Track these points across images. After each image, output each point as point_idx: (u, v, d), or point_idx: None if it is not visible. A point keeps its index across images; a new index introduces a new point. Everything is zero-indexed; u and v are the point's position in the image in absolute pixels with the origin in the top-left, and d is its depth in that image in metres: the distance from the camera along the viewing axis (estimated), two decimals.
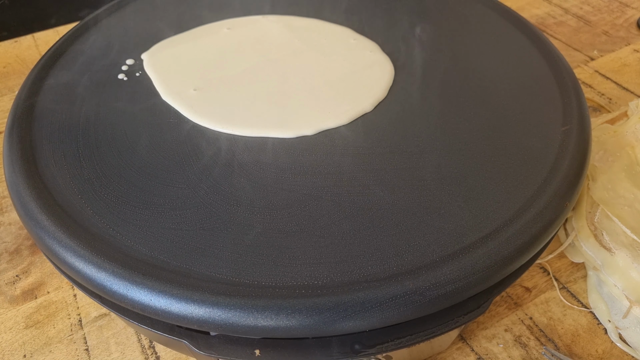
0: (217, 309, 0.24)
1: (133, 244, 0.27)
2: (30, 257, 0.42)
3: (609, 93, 0.55)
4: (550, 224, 0.28)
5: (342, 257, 0.26)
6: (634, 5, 0.69)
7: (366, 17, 0.44)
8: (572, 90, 0.36)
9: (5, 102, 0.57)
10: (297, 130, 0.34)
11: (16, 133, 0.33)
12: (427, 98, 0.36)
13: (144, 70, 0.39)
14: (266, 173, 0.31)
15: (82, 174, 0.31)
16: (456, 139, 0.33)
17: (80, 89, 0.37)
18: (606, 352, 0.35)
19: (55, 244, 0.27)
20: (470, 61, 0.39)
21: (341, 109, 0.35)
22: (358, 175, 0.31)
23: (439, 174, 0.31)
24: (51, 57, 0.39)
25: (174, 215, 0.28)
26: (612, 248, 0.37)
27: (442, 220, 0.28)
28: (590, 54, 0.61)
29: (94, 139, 0.33)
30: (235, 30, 0.42)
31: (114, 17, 0.43)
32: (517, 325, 0.37)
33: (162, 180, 0.31)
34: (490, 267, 0.26)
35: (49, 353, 0.36)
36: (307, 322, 0.24)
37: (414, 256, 0.26)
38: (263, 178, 0.31)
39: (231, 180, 0.31)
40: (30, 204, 0.29)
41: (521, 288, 0.39)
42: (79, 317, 0.38)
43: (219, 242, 0.27)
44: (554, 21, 0.67)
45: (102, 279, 0.26)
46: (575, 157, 0.31)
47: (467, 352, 0.35)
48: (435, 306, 0.25)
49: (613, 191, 0.40)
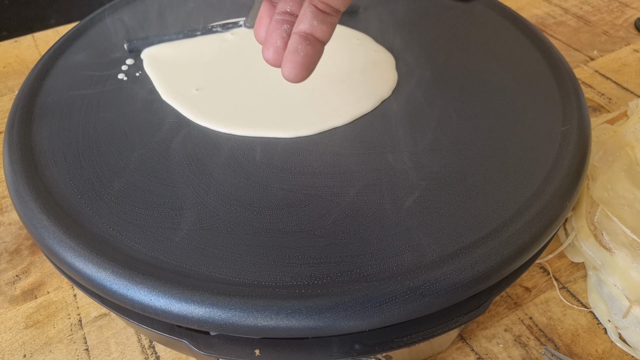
0: (217, 309, 0.24)
1: (133, 244, 0.27)
2: (30, 257, 0.42)
3: (609, 93, 0.55)
4: (550, 223, 0.28)
5: (342, 257, 0.26)
6: (634, 5, 0.69)
7: (369, 17, 0.44)
8: (572, 90, 0.36)
9: (5, 102, 0.57)
10: (297, 130, 0.34)
11: (16, 133, 0.33)
12: (427, 98, 0.36)
13: (144, 70, 0.39)
14: (266, 173, 0.31)
15: (82, 174, 0.31)
16: (456, 139, 0.33)
17: (80, 89, 0.37)
18: (606, 351, 0.35)
19: (55, 243, 0.27)
20: (470, 61, 0.39)
21: (342, 109, 0.35)
22: (358, 175, 0.31)
23: (439, 174, 0.31)
24: (51, 57, 0.39)
25: (174, 215, 0.28)
26: (612, 248, 0.37)
27: (442, 220, 0.28)
28: (590, 54, 0.61)
29: (94, 139, 0.33)
30: (235, 30, 0.42)
31: (114, 17, 0.43)
32: (517, 325, 0.37)
33: (162, 180, 0.31)
34: (490, 267, 0.26)
35: (49, 353, 0.36)
36: (307, 322, 0.24)
37: (414, 256, 0.26)
38: (263, 178, 0.31)
39: (231, 180, 0.31)
40: (30, 204, 0.29)
41: (521, 288, 0.39)
42: (79, 317, 0.38)
43: (219, 242, 0.27)
44: (554, 21, 0.67)
45: (102, 279, 0.26)
46: (575, 157, 0.31)
47: (467, 352, 0.35)
48: (435, 306, 0.25)
49: (613, 191, 0.40)
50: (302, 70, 0.23)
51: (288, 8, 0.23)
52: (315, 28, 0.22)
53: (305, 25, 0.22)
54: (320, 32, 0.22)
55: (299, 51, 0.22)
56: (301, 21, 0.22)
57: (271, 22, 0.23)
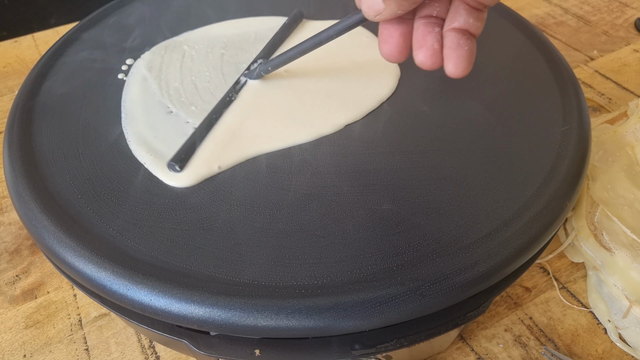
0: (217, 309, 0.24)
1: (133, 244, 0.27)
2: (30, 257, 0.42)
3: (609, 93, 0.55)
4: (550, 223, 0.28)
5: (342, 257, 0.26)
6: (634, 5, 0.69)
7: None
8: (572, 90, 0.36)
9: (5, 102, 0.57)
10: (297, 135, 0.34)
11: (16, 133, 0.33)
12: (427, 98, 0.36)
13: (144, 71, 0.39)
14: (266, 173, 0.31)
15: (82, 174, 0.31)
16: (456, 139, 0.33)
17: (80, 89, 0.37)
18: (606, 351, 0.35)
19: (55, 243, 0.27)
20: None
21: (343, 109, 0.35)
22: (358, 175, 0.31)
23: (439, 174, 0.31)
24: (51, 57, 0.39)
25: (174, 215, 0.28)
26: (612, 248, 0.37)
27: (442, 220, 0.28)
28: (590, 54, 0.61)
29: (94, 138, 0.33)
30: (238, 30, 0.42)
31: (113, 17, 0.43)
32: (517, 325, 0.37)
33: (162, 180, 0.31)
34: (490, 267, 0.26)
35: (49, 353, 0.36)
36: (307, 322, 0.24)
37: (414, 256, 0.26)
38: (263, 178, 0.31)
39: (231, 180, 0.31)
40: (30, 204, 0.29)
41: (521, 288, 0.39)
42: (79, 317, 0.38)
43: (219, 242, 0.27)
44: (554, 21, 0.67)
45: (102, 279, 0.26)
46: (575, 157, 0.31)
47: (467, 352, 0.35)
48: (435, 306, 0.25)
49: (613, 191, 0.40)
50: (468, 64, 0.23)
51: (435, 12, 0.24)
52: (470, 25, 0.23)
53: (460, 23, 0.23)
54: (475, 28, 0.23)
55: (462, 45, 0.23)
56: (455, 19, 0.23)
57: (418, 27, 0.24)
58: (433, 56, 0.24)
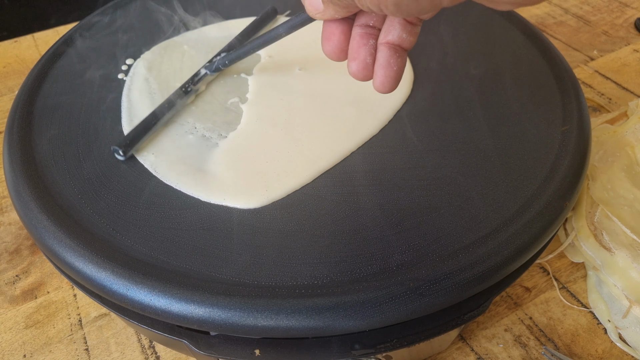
0: (217, 309, 0.24)
1: (133, 244, 0.27)
2: (30, 257, 0.42)
3: (609, 93, 0.55)
4: (550, 224, 0.28)
5: (342, 257, 0.26)
6: (634, 5, 0.69)
7: None
8: (572, 90, 0.36)
9: (5, 102, 0.57)
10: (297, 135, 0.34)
11: (16, 133, 0.33)
12: (427, 98, 0.36)
13: (144, 70, 0.39)
14: None
15: (82, 174, 0.31)
16: (456, 138, 0.33)
17: (80, 89, 0.37)
18: (606, 352, 0.35)
19: (55, 243, 0.27)
20: (470, 61, 0.39)
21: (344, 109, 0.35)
22: (358, 175, 0.31)
23: (439, 174, 0.31)
24: (51, 57, 0.39)
25: (174, 215, 0.28)
26: (612, 248, 0.37)
27: (442, 220, 0.28)
28: (590, 54, 0.61)
29: (94, 138, 0.33)
30: (238, 30, 0.42)
31: (113, 17, 0.43)
32: (517, 325, 0.37)
33: (162, 180, 0.31)
34: (490, 267, 0.26)
35: (49, 353, 0.36)
36: (307, 322, 0.24)
37: (414, 256, 0.26)
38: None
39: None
40: (30, 204, 0.29)
41: (521, 288, 0.39)
42: (79, 317, 0.38)
43: (219, 242, 0.27)
44: (554, 21, 0.67)
45: (102, 279, 0.26)
46: (575, 157, 0.31)
47: (467, 352, 0.35)
48: (435, 306, 0.25)
49: (613, 191, 0.40)
50: (395, 83, 0.24)
51: (371, 22, 0.24)
52: (403, 40, 0.23)
53: (393, 37, 0.23)
54: (407, 43, 0.23)
55: (392, 65, 0.23)
56: (389, 32, 0.23)
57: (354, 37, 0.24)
58: (365, 69, 0.24)
